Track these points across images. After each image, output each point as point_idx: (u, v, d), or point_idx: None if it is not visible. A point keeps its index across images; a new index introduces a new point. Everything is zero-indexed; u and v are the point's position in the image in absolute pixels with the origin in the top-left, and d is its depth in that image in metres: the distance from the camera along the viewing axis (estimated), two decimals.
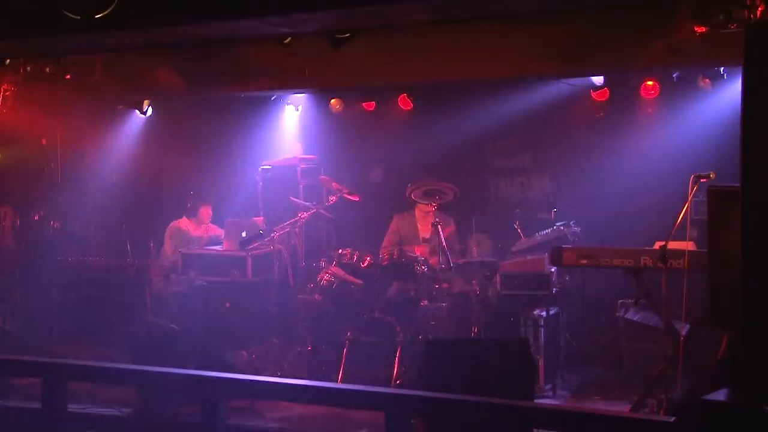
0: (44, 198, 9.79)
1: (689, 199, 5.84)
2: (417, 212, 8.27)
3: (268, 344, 7.96)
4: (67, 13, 5.57)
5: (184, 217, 9.07)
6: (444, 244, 7.41)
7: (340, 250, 7.94)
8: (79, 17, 5.56)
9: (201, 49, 7.40)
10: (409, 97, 9.26)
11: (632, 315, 7.18)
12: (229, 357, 7.81)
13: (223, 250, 8.58)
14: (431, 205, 7.59)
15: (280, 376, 7.44)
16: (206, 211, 9.07)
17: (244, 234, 8.36)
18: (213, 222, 9.15)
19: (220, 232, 8.94)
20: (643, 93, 8.35)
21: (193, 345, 6.78)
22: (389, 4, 5.30)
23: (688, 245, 5.96)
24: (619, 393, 6.99)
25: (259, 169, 9.52)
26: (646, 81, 8.25)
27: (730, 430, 3.72)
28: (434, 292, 7.45)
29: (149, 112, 9.89)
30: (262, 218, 8.92)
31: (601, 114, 8.81)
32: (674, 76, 8.11)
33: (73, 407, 5.89)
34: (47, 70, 8.01)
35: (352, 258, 7.80)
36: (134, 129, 10.03)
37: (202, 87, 8.95)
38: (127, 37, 6.08)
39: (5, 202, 9.45)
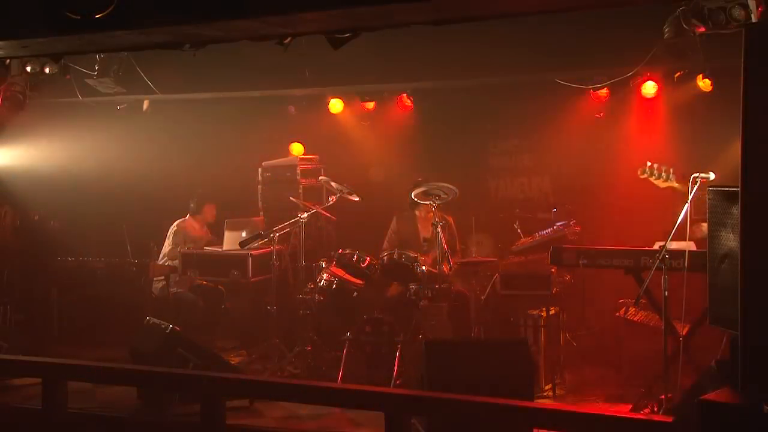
0: (44, 198, 9.78)
1: (689, 199, 5.84)
2: (417, 213, 8.27)
3: (268, 344, 7.96)
4: (67, 13, 5.57)
5: (189, 216, 9.08)
6: (444, 244, 7.41)
7: (340, 250, 7.95)
8: (79, 17, 5.56)
9: (201, 49, 7.39)
10: (409, 97, 9.28)
11: (632, 315, 7.18)
12: (229, 357, 7.81)
13: (223, 250, 8.59)
14: (431, 205, 7.59)
15: (280, 376, 7.44)
16: (210, 210, 9.11)
17: (244, 234, 8.37)
18: (213, 221, 9.17)
19: (212, 237, 8.98)
20: (643, 93, 8.35)
21: (193, 345, 6.78)
22: (389, 4, 5.29)
23: (688, 245, 5.96)
24: (619, 393, 6.99)
25: (259, 169, 9.54)
26: (646, 81, 8.25)
27: (730, 430, 3.72)
28: (434, 292, 7.45)
29: (149, 112, 9.90)
30: (262, 218, 8.93)
31: (601, 114, 8.81)
32: (674, 76, 8.12)
33: (73, 407, 5.89)
34: (47, 70, 8.00)
35: (352, 258, 7.81)
36: (134, 129, 10.03)
37: (202, 87, 8.96)
38: (127, 37, 6.07)
39: (5, 202, 9.44)
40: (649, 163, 6.47)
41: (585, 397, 7.11)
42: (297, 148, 9.99)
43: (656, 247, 6.29)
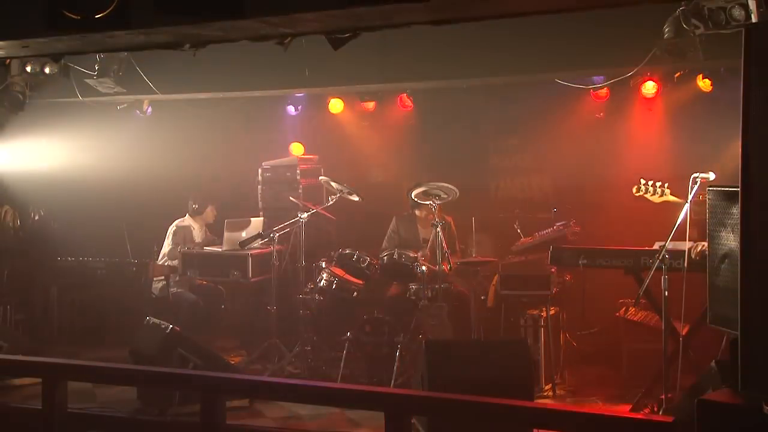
0: (44, 198, 9.78)
1: (689, 199, 5.85)
2: (417, 213, 8.27)
3: (268, 344, 7.96)
4: (67, 13, 5.57)
5: (188, 216, 9.09)
6: (444, 244, 7.42)
7: (340, 250, 7.95)
8: (79, 17, 5.56)
9: (201, 49, 7.40)
10: (409, 97, 9.28)
11: (632, 315, 7.18)
12: (229, 357, 7.81)
13: (223, 250, 8.59)
14: (431, 205, 7.59)
15: (280, 376, 7.44)
16: (212, 211, 9.14)
17: (244, 234, 8.37)
18: (213, 221, 9.18)
19: (212, 237, 9.01)
20: (643, 93, 8.35)
21: (193, 345, 6.78)
22: (389, 4, 5.29)
23: (688, 245, 5.97)
24: (619, 393, 6.99)
25: (259, 169, 9.54)
26: (646, 81, 8.25)
27: (730, 430, 3.72)
28: (434, 293, 7.45)
29: (149, 112, 9.90)
30: (262, 218, 8.93)
31: (601, 114, 8.81)
32: (674, 76, 8.12)
33: (73, 407, 5.88)
34: (47, 70, 8.00)
35: (352, 258, 7.81)
36: (134, 129, 10.03)
37: (202, 87, 8.96)
38: (127, 37, 6.08)
39: (5, 202, 9.45)
40: (643, 181, 6.57)
41: (585, 397, 7.11)
42: (297, 148, 10.00)
43: (656, 247, 6.29)
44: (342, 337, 7.35)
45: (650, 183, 6.56)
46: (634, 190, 6.64)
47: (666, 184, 6.51)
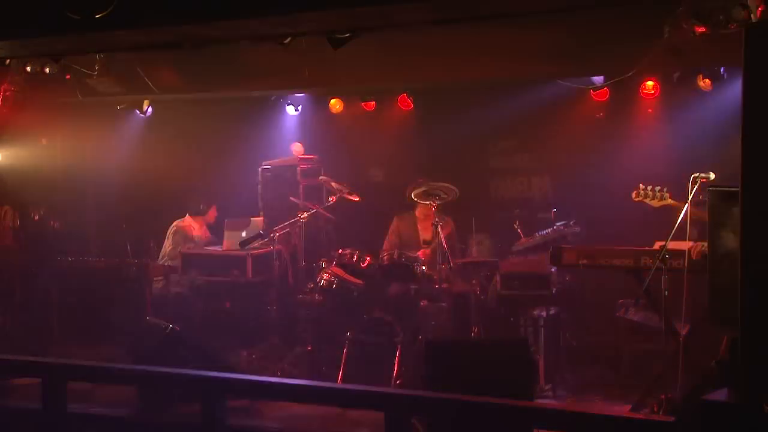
0: (44, 198, 9.78)
1: (689, 199, 5.84)
2: (417, 213, 8.28)
3: (268, 344, 7.96)
4: (67, 12, 5.57)
5: (188, 216, 9.09)
6: (444, 244, 7.42)
7: (340, 250, 7.94)
8: (79, 17, 5.56)
9: (201, 49, 7.41)
10: (409, 97, 9.28)
11: (632, 315, 7.18)
12: (229, 357, 7.81)
13: (223, 250, 8.59)
14: (431, 205, 7.59)
15: (280, 376, 7.44)
16: (213, 212, 9.16)
17: (244, 234, 8.37)
18: (214, 221, 9.19)
19: (211, 237, 9.00)
20: (643, 93, 8.35)
21: (193, 345, 6.78)
22: (389, 4, 5.30)
23: (688, 245, 5.97)
24: (619, 393, 6.99)
25: (259, 169, 9.54)
26: (646, 81, 8.25)
27: (730, 430, 3.72)
28: (434, 292, 7.45)
29: (149, 112, 9.90)
30: (262, 218, 8.93)
31: (601, 114, 8.80)
32: (674, 76, 8.12)
33: (73, 407, 5.88)
34: (47, 70, 8.00)
35: (352, 258, 7.80)
36: (134, 129, 10.03)
37: (202, 87, 8.95)
38: (127, 37, 6.08)
39: (5, 202, 9.44)
40: (642, 186, 6.57)
41: (585, 397, 7.11)
42: (297, 148, 9.99)
43: (656, 247, 6.29)
44: (342, 337, 7.34)
45: (649, 187, 6.57)
46: (633, 195, 6.64)
47: (665, 188, 6.52)
